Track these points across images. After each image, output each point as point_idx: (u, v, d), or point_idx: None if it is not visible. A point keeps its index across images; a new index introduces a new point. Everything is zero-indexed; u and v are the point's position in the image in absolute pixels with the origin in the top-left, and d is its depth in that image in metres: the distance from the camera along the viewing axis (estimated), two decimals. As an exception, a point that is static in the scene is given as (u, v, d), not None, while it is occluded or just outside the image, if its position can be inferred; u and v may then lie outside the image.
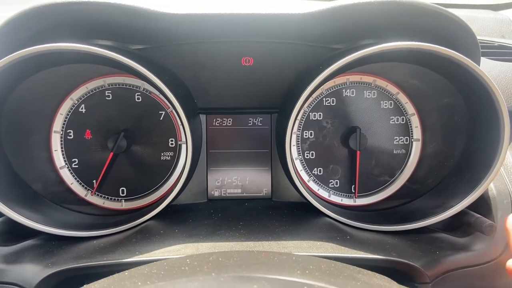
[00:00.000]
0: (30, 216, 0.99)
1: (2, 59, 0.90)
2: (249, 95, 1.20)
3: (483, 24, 1.63)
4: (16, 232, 1.00)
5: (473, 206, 1.01)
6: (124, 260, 0.87)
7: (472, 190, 1.00)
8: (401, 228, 1.04)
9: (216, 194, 1.26)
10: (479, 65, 1.03)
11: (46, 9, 0.92)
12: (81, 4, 0.92)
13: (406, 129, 1.22)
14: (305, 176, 1.24)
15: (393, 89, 1.20)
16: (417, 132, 1.21)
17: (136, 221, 1.04)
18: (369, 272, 0.69)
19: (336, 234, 0.99)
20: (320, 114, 1.22)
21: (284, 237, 0.96)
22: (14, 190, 1.06)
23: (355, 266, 0.71)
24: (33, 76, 1.09)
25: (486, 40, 1.48)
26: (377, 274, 0.69)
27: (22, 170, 1.12)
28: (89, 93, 1.17)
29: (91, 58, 1.02)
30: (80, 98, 1.17)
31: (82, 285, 0.63)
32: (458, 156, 1.16)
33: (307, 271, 0.61)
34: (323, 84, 1.12)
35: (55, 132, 1.16)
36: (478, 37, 1.04)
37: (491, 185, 1.03)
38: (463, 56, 0.94)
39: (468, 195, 1.00)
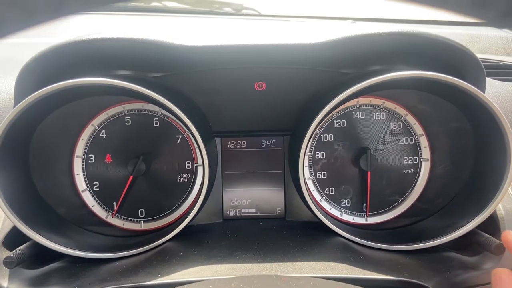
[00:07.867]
0: (55, 239, 1.03)
1: (31, 95, 0.94)
2: (262, 118, 1.25)
3: (487, 42, 1.67)
4: (42, 256, 1.04)
5: (482, 226, 1.04)
6: (147, 283, 0.90)
7: (481, 210, 1.03)
8: (413, 247, 1.06)
9: (231, 214, 1.30)
10: (484, 91, 1.07)
11: (73, 46, 0.97)
12: (106, 40, 0.98)
13: (415, 149, 1.25)
14: (317, 196, 1.28)
15: (401, 111, 1.24)
16: (425, 152, 1.25)
17: (156, 243, 1.07)
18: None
19: (349, 254, 1.02)
20: (331, 136, 1.26)
21: (299, 258, 0.99)
22: (41, 215, 1.11)
23: (369, 290, 0.75)
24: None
25: (491, 59, 1.50)
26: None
27: (47, 195, 1.17)
28: (109, 119, 1.22)
29: (112, 90, 1.07)
30: (101, 124, 1.22)
31: None
32: (466, 177, 1.19)
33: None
34: (334, 110, 1.16)
35: (77, 157, 1.21)
36: (483, 56, 1.08)
37: (499, 205, 1.06)
38: (468, 84, 0.97)
39: (477, 216, 1.03)
